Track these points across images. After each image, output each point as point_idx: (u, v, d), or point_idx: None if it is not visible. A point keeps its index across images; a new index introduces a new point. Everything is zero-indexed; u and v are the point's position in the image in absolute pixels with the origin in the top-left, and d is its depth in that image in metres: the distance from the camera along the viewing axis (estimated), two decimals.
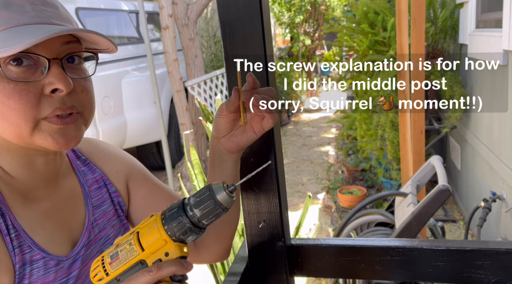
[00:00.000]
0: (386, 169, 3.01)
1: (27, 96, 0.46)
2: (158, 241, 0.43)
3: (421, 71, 2.15)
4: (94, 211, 0.59)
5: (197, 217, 0.42)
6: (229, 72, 0.58)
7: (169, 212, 0.43)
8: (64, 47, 0.48)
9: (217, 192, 0.42)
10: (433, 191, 1.20)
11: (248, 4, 0.54)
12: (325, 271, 0.66)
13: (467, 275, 0.59)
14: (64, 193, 0.56)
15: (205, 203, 0.42)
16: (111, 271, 0.44)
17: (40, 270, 0.49)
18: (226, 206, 0.43)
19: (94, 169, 0.61)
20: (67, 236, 0.54)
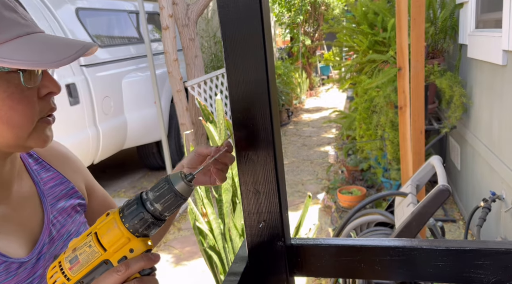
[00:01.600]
0: (386, 169, 3.01)
1: (32, 100, 0.49)
2: (120, 239, 0.42)
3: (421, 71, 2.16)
4: (52, 209, 0.59)
5: (159, 211, 0.42)
6: (229, 72, 0.58)
7: (128, 210, 0.42)
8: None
9: (176, 183, 0.42)
10: (433, 191, 1.20)
11: (248, 4, 0.54)
12: (325, 271, 0.66)
13: (467, 275, 0.59)
14: (19, 194, 0.56)
15: (165, 197, 0.42)
16: (72, 276, 0.43)
17: (2, 276, 0.49)
18: (186, 196, 0.42)
19: (48, 167, 0.62)
20: (26, 237, 0.54)
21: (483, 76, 2.37)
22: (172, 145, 3.92)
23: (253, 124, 0.59)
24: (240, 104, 0.59)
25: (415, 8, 1.81)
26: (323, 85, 8.68)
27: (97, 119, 3.10)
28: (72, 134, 2.86)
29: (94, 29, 3.38)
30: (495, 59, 2.03)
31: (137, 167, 4.23)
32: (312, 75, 8.33)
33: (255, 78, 0.57)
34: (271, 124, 0.60)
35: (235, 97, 0.59)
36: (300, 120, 6.24)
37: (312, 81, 8.24)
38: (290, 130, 5.67)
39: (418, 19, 1.81)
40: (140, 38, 3.87)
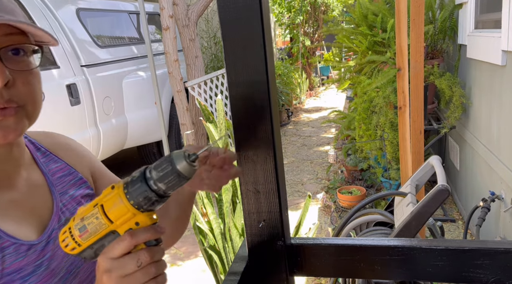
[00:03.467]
0: (385, 169, 3.02)
1: None
2: (126, 214, 0.43)
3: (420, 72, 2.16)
4: (61, 197, 0.60)
5: (163, 190, 0.43)
6: (229, 72, 0.58)
7: (132, 187, 0.43)
8: (4, 39, 0.48)
9: (179, 163, 0.42)
10: (432, 191, 1.20)
11: (248, 4, 0.55)
12: (325, 271, 0.66)
13: (466, 274, 0.59)
14: (29, 183, 0.57)
15: (169, 178, 0.42)
16: (82, 242, 0.45)
17: (12, 256, 0.50)
18: (189, 176, 0.42)
19: (56, 159, 0.62)
20: (36, 223, 0.55)
21: (482, 76, 2.37)
22: (173, 145, 3.93)
23: (253, 124, 0.60)
24: (240, 104, 0.59)
25: (414, 9, 1.81)
26: (323, 86, 8.68)
27: (98, 119, 3.10)
28: (73, 134, 2.86)
29: (94, 29, 3.38)
30: (494, 59, 2.03)
31: (137, 167, 4.16)
32: (312, 76, 8.33)
33: (255, 78, 0.57)
34: (271, 124, 0.60)
35: (235, 97, 0.59)
36: (300, 120, 6.25)
37: (312, 82, 8.24)
38: (290, 130, 5.67)
39: (418, 19, 1.82)
40: (140, 39, 3.87)
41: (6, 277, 0.48)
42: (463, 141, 2.71)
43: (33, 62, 0.52)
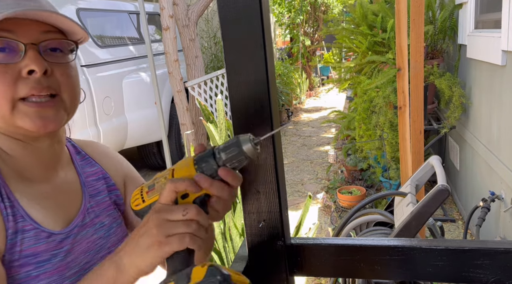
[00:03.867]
0: (385, 169, 3.02)
1: (4, 77, 0.50)
2: (189, 178, 0.48)
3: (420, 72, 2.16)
4: (90, 199, 0.64)
5: (222, 160, 0.48)
6: (229, 72, 0.58)
7: (200, 155, 0.49)
8: (44, 36, 0.52)
9: (243, 142, 0.47)
10: (432, 191, 1.20)
11: (248, 4, 0.55)
12: (325, 271, 0.66)
13: (466, 274, 0.59)
14: (62, 180, 0.61)
15: (230, 149, 0.47)
16: (147, 199, 0.50)
17: (31, 240, 0.52)
18: (249, 155, 0.48)
19: (93, 163, 0.67)
20: (62, 217, 0.58)
21: (482, 76, 2.37)
22: (173, 145, 3.93)
23: (253, 124, 0.60)
24: (240, 104, 0.59)
25: (414, 9, 1.81)
26: (323, 86, 8.68)
27: (98, 119, 3.10)
28: (73, 134, 2.86)
29: (95, 29, 3.38)
30: (494, 59, 2.03)
31: (137, 167, 4.20)
32: (312, 76, 8.33)
33: (255, 78, 0.57)
34: (271, 124, 0.60)
35: (235, 97, 0.59)
36: (300, 120, 6.25)
37: (312, 82, 8.24)
38: (290, 130, 5.67)
39: (418, 19, 1.82)
40: (140, 39, 3.87)
41: (24, 259, 0.50)
42: (463, 141, 2.71)
43: (69, 57, 0.56)
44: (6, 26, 0.50)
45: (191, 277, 0.44)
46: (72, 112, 0.57)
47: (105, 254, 0.62)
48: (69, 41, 0.56)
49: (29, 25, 0.51)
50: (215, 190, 0.48)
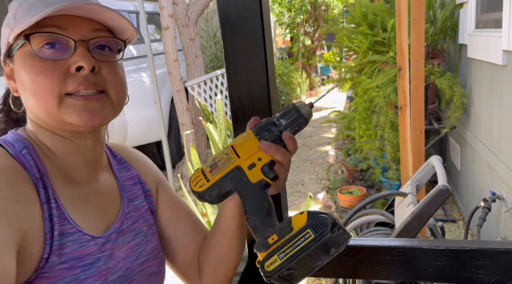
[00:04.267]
0: (385, 169, 3.01)
1: (53, 73, 0.51)
2: (252, 148, 0.51)
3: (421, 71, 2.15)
4: (129, 204, 0.63)
5: (283, 126, 0.51)
6: (229, 72, 0.58)
7: (259, 126, 0.52)
8: (93, 33, 0.53)
9: (300, 106, 0.51)
10: (432, 191, 1.20)
11: (248, 4, 0.54)
12: (325, 271, 0.66)
13: (467, 275, 0.59)
14: (102, 183, 0.60)
15: (289, 114, 0.51)
16: (211, 178, 0.52)
17: (75, 243, 0.52)
18: (307, 118, 0.51)
19: (129, 167, 0.66)
20: (101, 222, 0.57)
21: (483, 76, 2.37)
22: (172, 145, 3.92)
23: None
24: (240, 104, 0.59)
25: (415, 8, 1.81)
26: (323, 85, 8.68)
27: None
28: None
29: None
30: (495, 59, 2.03)
31: None
32: (312, 75, 8.33)
33: (255, 78, 0.57)
34: None
35: (235, 97, 0.59)
36: None
37: (312, 81, 8.23)
38: None
39: (418, 19, 1.81)
40: (140, 38, 3.87)
41: (71, 262, 0.50)
42: (464, 141, 2.71)
43: (117, 56, 0.57)
44: (58, 22, 0.51)
45: (292, 225, 0.46)
46: (118, 111, 0.57)
47: (144, 260, 0.61)
48: (117, 40, 0.56)
49: (80, 22, 0.52)
50: (280, 155, 0.51)
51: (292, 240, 0.46)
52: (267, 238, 0.47)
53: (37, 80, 0.50)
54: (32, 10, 0.50)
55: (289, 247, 0.45)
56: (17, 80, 0.54)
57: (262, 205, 0.50)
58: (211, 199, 0.53)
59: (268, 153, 0.51)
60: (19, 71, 0.53)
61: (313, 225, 0.45)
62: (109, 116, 0.55)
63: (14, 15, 0.52)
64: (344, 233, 0.46)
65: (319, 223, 0.45)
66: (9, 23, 0.53)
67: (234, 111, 0.59)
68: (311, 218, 0.46)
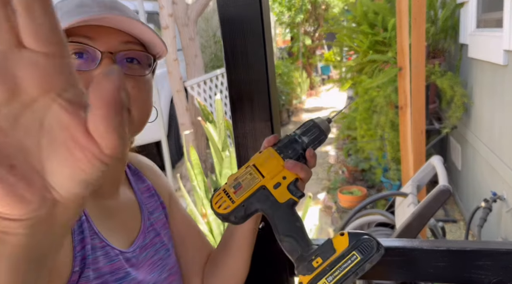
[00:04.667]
0: (386, 169, 3.01)
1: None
2: (276, 167, 0.51)
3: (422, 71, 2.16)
4: (149, 216, 0.61)
5: (306, 143, 0.51)
6: (229, 72, 0.58)
7: (281, 144, 0.52)
8: (122, 46, 0.51)
9: (320, 122, 0.52)
10: (433, 191, 1.19)
11: (248, 3, 0.54)
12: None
13: (468, 275, 0.58)
14: (123, 197, 0.59)
15: (311, 131, 0.51)
16: (236, 199, 0.50)
17: (106, 258, 0.51)
18: (326, 133, 0.52)
19: (144, 179, 0.65)
20: (125, 236, 0.56)
21: (484, 76, 2.36)
22: (172, 145, 3.92)
23: (253, 124, 0.59)
24: (240, 104, 0.59)
25: (415, 8, 1.81)
26: (324, 85, 8.68)
27: None
28: None
29: None
30: (496, 59, 2.02)
31: None
32: (313, 75, 8.32)
33: (255, 78, 0.57)
34: (271, 124, 0.60)
35: (235, 97, 0.59)
36: (300, 120, 6.24)
37: (312, 81, 8.23)
38: (290, 130, 5.64)
39: (419, 19, 1.81)
40: None
41: (104, 276, 0.49)
42: (465, 141, 2.70)
43: (146, 70, 0.54)
44: (88, 32, 0.50)
45: (334, 247, 0.47)
46: (139, 128, 0.54)
47: (167, 275, 0.60)
48: (148, 54, 0.54)
49: (110, 34, 0.50)
50: (305, 173, 0.50)
51: (338, 262, 0.47)
52: (311, 261, 0.48)
53: None
54: (65, 19, 0.49)
55: (336, 269, 0.46)
56: None
57: (296, 226, 0.50)
58: (236, 221, 0.51)
59: (294, 171, 0.50)
60: None
61: (359, 247, 0.47)
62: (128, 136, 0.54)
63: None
64: (382, 249, 0.48)
65: (365, 245, 0.46)
66: None
67: (234, 111, 0.59)
68: (353, 239, 0.47)
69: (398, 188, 2.70)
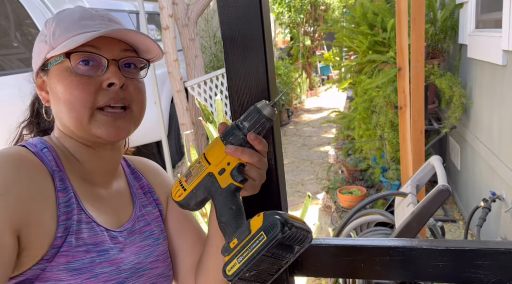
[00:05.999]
0: (385, 169, 3.01)
1: (88, 87, 0.57)
2: (220, 154, 0.53)
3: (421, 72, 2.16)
4: (142, 208, 0.68)
5: (247, 128, 0.52)
6: (229, 72, 0.58)
7: (225, 131, 0.53)
8: (123, 54, 0.59)
9: (261, 107, 0.52)
10: (433, 191, 1.20)
11: (248, 4, 0.54)
12: (325, 271, 0.66)
13: (467, 275, 0.59)
14: (117, 188, 0.66)
15: (251, 115, 0.51)
16: (187, 187, 0.54)
17: (91, 231, 0.57)
18: (270, 117, 0.52)
19: (140, 177, 0.72)
20: (113, 219, 0.62)
21: (483, 76, 2.37)
22: (172, 145, 3.92)
23: None
24: (240, 104, 0.59)
25: (415, 8, 1.81)
26: (323, 85, 8.68)
27: None
28: None
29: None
30: (495, 59, 2.03)
31: None
32: (312, 75, 8.33)
33: (255, 78, 0.57)
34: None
35: (235, 97, 0.59)
36: (300, 120, 6.24)
37: (312, 81, 8.23)
38: (290, 130, 5.67)
39: (418, 19, 1.81)
40: None
41: (87, 246, 0.55)
42: (464, 141, 2.71)
43: (141, 73, 0.64)
44: (93, 43, 0.57)
45: (250, 228, 0.47)
46: (138, 124, 0.64)
47: (154, 260, 0.64)
48: (141, 59, 0.62)
49: (112, 44, 0.58)
50: (247, 156, 0.52)
51: (248, 243, 0.46)
52: (229, 242, 0.49)
53: (74, 93, 0.56)
54: (70, 31, 0.57)
55: (246, 250, 0.46)
56: (51, 92, 0.59)
57: (229, 209, 0.51)
58: (191, 207, 0.55)
59: (234, 156, 0.52)
60: (55, 84, 0.58)
61: (265, 227, 0.46)
62: (131, 131, 0.62)
63: (52, 34, 0.58)
64: (299, 231, 0.46)
65: (270, 225, 0.45)
66: (47, 40, 0.58)
67: (234, 111, 0.59)
68: (266, 219, 0.46)
69: (398, 188, 2.70)
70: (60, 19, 0.59)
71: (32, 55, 0.62)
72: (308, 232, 0.48)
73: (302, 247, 0.48)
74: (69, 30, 0.57)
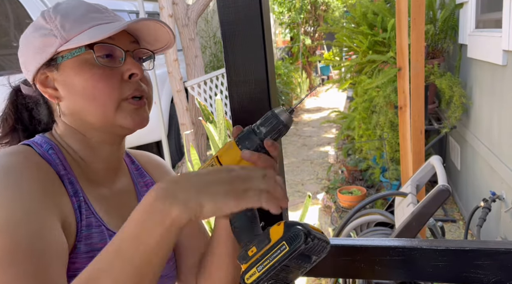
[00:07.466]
0: (385, 169, 3.01)
1: (112, 80, 0.56)
2: (235, 158, 0.52)
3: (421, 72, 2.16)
4: None
5: (263, 134, 0.51)
6: (229, 72, 0.58)
7: (240, 136, 0.52)
8: (132, 45, 0.59)
9: (279, 113, 0.51)
10: (432, 191, 1.20)
11: (248, 4, 0.54)
12: (325, 271, 0.66)
13: (467, 275, 0.59)
14: (121, 186, 0.65)
15: (269, 121, 0.51)
16: None
17: (99, 236, 0.56)
18: (287, 123, 0.51)
19: (145, 174, 0.71)
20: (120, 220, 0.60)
21: (483, 76, 2.37)
22: (172, 145, 3.92)
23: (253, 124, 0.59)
24: (240, 104, 0.59)
25: (415, 8, 1.81)
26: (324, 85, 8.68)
27: None
28: None
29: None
30: (495, 59, 2.03)
31: None
32: (312, 75, 8.33)
33: (255, 78, 0.57)
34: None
35: (235, 97, 0.59)
36: (300, 120, 6.24)
37: (312, 81, 8.23)
38: (290, 130, 5.65)
39: (418, 19, 1.81)
40: None
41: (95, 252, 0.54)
42: (464, 141, 2.71)
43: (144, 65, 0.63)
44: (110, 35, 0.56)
45: (270, 237, 0.46)
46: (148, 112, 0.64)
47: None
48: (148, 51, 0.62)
49: (122, 35, 0.58)
50: (263, 162, 0.51)
51: (269, 252, 0.46)
52: (247, 250, 0.48)
53: (98, 86, 0.56)
54: (82, 23, 0.56)
55: (266, 259, 0.46)
56: (64, 87, 0.57)
57: (244, 214, 0.50)
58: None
59: (250, 161, 0.51)
60: (72, 77, 0.56)
61: (288, 237, 0.45)
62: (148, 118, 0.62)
63: (61, 27, 0.56)
64: (320, 242, 0.46)
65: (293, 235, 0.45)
66: (56, 34, 0.56)
67: (234, 111, 0.59)
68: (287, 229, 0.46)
69: (398, 188, 2.70)
70: (64, 12, 0.57)
71: (27, 53, 0.58)
72: (328, 243, 0.48)
73: (319, 257, 0.48)
74: (80, 22, 0.56)
